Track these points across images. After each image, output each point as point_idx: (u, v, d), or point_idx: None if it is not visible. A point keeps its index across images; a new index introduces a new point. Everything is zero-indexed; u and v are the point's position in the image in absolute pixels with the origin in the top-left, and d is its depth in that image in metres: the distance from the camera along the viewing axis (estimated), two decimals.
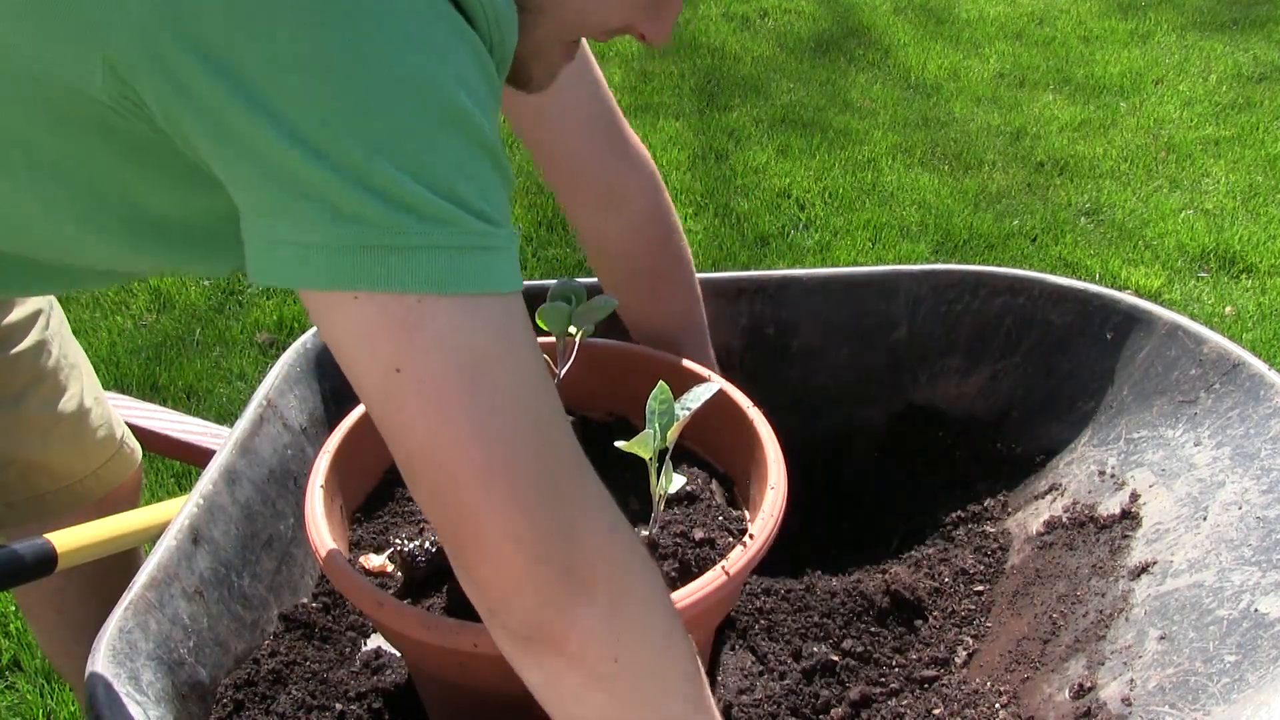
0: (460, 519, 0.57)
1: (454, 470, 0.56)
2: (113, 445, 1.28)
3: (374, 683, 1.01)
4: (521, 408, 0.57)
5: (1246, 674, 0.79)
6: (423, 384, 0.54)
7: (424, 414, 0.55)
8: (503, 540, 0.57)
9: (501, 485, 0.56)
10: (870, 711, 1.02)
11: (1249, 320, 2.98)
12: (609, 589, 0.61)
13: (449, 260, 0.54)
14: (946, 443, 1.32)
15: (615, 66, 4.61)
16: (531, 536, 0.57)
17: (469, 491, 0.56)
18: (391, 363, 0.54)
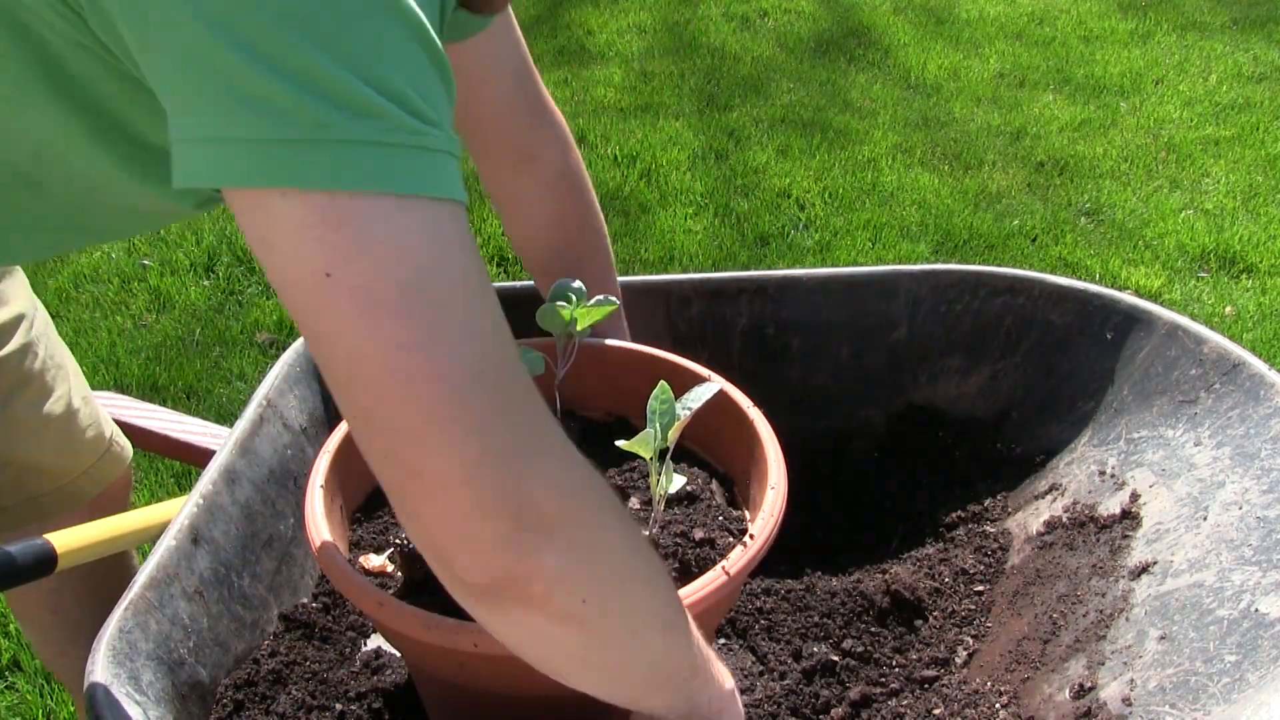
0: (397, 449, 0.52)
1: (389, 389, 0.50)
2: (102, 444, 1.28)
3: (374, 683, 1.01)
4: (465, 322, 0.51)
5: (1247, 674, 0.79)
6: (355, 291, 0.49)
7: (356, 324, 0.50)
8: (448, 473, 0.51)
9: (444, 408, 0.50)
10: (870, 711, 1.02)
11: (1249, 320, 2.98)
12: (570, 523, 0.55)
13: (382, 156, 0.49)
14: (946, 443, 1.32)
15: (615, 66, 4.61)
16: (481, 468, 0.51)
17: (406, 415, 0.50)
18: (321, 267, 0.49)
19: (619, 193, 3.58)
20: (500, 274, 3.18)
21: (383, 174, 0.49)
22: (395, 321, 0.50)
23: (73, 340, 2.87)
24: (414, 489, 0.52)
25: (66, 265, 3.21)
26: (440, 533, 0.53)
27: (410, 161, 0.50)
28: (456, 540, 0.53)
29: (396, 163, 0.50)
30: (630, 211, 3.48)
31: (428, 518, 0.53)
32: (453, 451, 0.51)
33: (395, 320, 0.50)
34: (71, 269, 3.18)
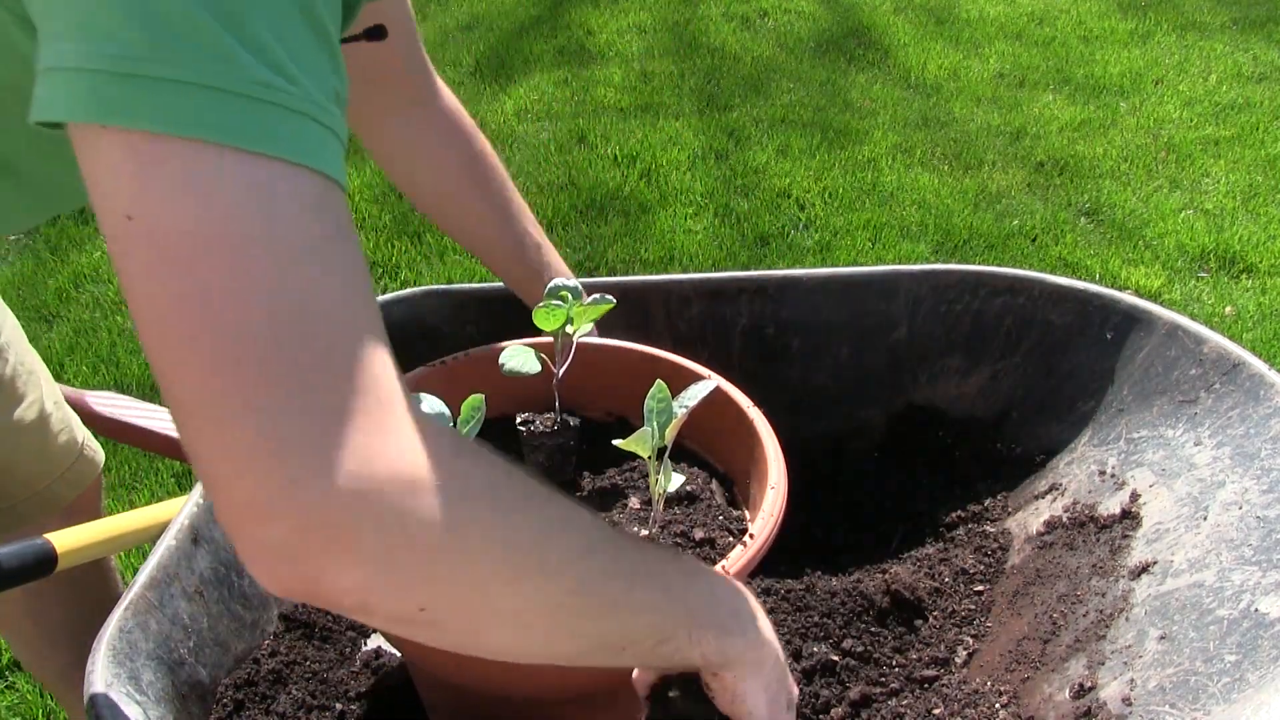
0: (180, 421, 0.46)
1: (171, 351, 0.45)
2: (75, 449, 1.27)
3: (374, 683, 1.02)
4: (275, 288, 0.45)
5: (1247, 674, 0.79)
6: (152, 237, 0.44)
7: (148, 274, 0.45)
8: (223, 459, 0.45)
9: (225, 380, 0.44)
10: (870, 711, 1.02)
11: (1249, 320, 2.98)
12: (374, 545, 0.46)
13: (218, 102, 0.45)
14: (946, 443, 1.32)
15: (615, 66, 4.61)
16: (260, 459, 0.44)
17: (186, 382, 0.45)
18: (124, 208, 0.45)
19: (619, 193, 3.58)
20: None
21: (213, 121, 0.45)
22: (186, 277, 0.44)
23: (73, 340, 2.87)
24: (199, 470, 0.46)
25: (66, 265, 3.21)
26: (230, 532, 0.46)
27: (251, 113, 0.45)
28: (242, 545, 0.46)
29: (233, 111, 0.45)
30: (630, 211, 3.48)
31: (216, 509, 0.46)
32: (228, 434, 0.44)
33: (186, 276, 0.44)
34: (71, 269, 3.18)
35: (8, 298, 3.07)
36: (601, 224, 3.41)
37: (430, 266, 3.19)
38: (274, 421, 0.44)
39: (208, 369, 0.44)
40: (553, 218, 3.43)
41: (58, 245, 3.30)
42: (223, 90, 0.45)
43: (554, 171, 3.72)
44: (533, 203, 3.52)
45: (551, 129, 4.04)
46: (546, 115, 4.18)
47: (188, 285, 0.44)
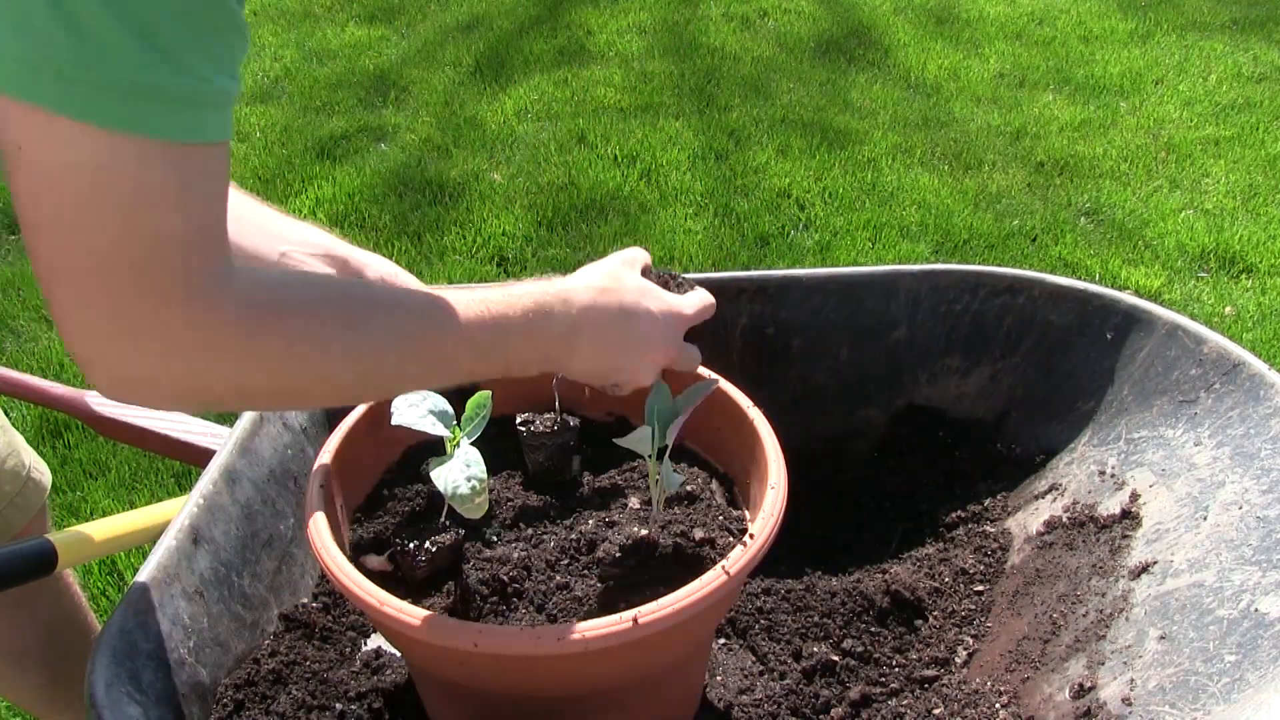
0: (40, 280, 0.64)
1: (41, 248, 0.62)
2: (22, 472, 1.27)
3: (374, 683, 1.02)
4: (110, 222, 0.61)
5: (1247, 673, 0.79)
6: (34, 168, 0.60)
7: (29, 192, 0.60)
8: (59, 318, 0.64)
9: (78, 283, 0.62)
10: (870, 711, 1.02)
11: (1249, 320, 2.98)
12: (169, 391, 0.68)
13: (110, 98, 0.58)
14: (946, 443, 1.32)
15: (615, 66, 4.61)
16: (79, 333, 0.64)
17: (44, 265, 0.63)
18: (17, 140, 0.59)
19: (619, 193, 3.58)
20: (500, 274, 3.18)
21: (99, 111, 0.59)
22: (55, 202, 0.60)
23: None
24: (55, 320, 0.65)
25: None
26: (79, 366, 0.67)
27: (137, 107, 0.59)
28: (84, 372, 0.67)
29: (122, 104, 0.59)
30: (630, 211, 3.48)
31: (68, 349, 0.66)
32: (69, 312, 0.64)
33: (55, 201, 0.60)
34: None
35: (7, 297, 3.07)
36: (601, 224, 3.41)
37: (430, 266, 3.19)
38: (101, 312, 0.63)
39: (61, 265, 0.62)
40: (553, 218, 3.43)
41: None
42: (118, 89, 0.58)
43: (554, 171, 3.72)
44: (533, 202, 3.52)
45: (551, 129, 4.04)
46: (546, 115, 4.18)
47: (53, 207, 0.61)
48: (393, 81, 4.48)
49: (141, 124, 0.60)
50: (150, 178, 0.62)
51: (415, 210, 3.50)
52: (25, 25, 0.57)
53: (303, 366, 0.72)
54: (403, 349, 0.77)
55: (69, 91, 0.58)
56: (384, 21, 5.17)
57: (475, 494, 0.88)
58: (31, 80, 0.58)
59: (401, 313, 0.78)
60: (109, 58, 0.58)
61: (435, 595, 0.89)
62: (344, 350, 0.73)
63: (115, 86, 0.59)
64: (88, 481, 2.41)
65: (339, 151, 3.90)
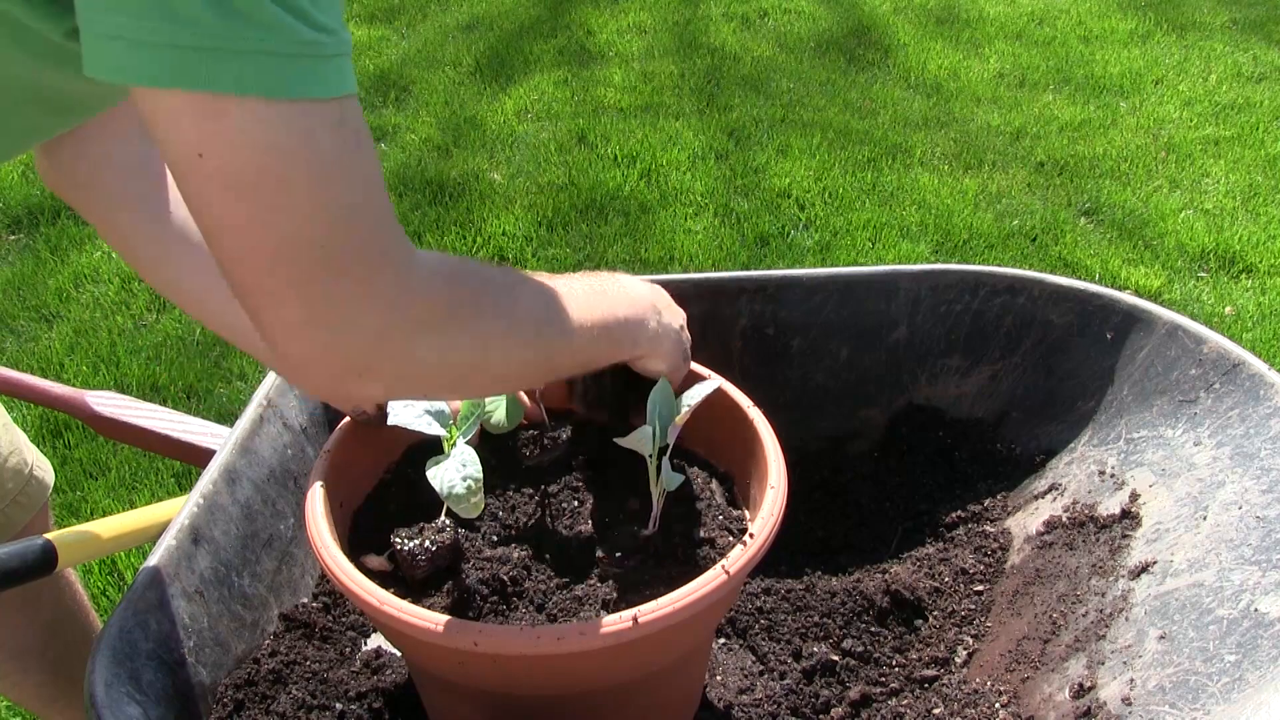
0: (248, 301, 0.63)
1: (239, 255, 0.62)
2: (25, 472, 1.26)
3: (374, 683, 1.02)
4: (310, 206, 0.60)
5: (1246, 673, 0.79)
6: (219, 171, 0.59)
7: (219, 198, 0.60)
8: (281, 328, 0.63)
9: (278, 276, 0.61)
10: (870, 711, 1.02)
11: (1249, 320, 2.98)
12: (393, 362, 0.67)
13: (268, 64, 0.57)
14: (946, 443, 1.32)
15: (615, 67, 4.61)
16: (307, 327, 0.63)
17: (250, 277, 0.62)
18: (195, 148, 0.58)
19: (619, 193, 3.58)
20: None
21: (270, 80, 0.58)
22: (243, 202, 0.59)
23: (73, 340, 2.87)
24: (265, 333, 0.65)
25: (66, 265, 3.21)
26: (284, 372, 0.68)
27: (295, 69, 0.58)
28: (292, 378, 0.69)
29: (284, 71, 0.58)
30: (630, 211, 3.48)
31: (275, 359, 0.66)
32: (276, 313, 0.63)
33: (243, 201, 0.59)
34: (71, 269, 3.19)
35: (8, 297, 3.07)
36: (601, 224, 3.41)
37: None
38: (318, 302, 0.62)
39: (265, 266, 0.61)
40: (553, 218, 3.43)
41: (58, 245, 3.30)
42: (273, 54, 0.58)
43: (554, 171, 3.72)
44: (534, 202, 3.52)
45: (551, 129, 4.04)
46: (546, 115, 4.18)
47: (250, 207, 0.59)
48: (393, 81, 4.48)
49: (305, 86, 0.59)
50: (328, 144, 0.61)
51: (415, 210, 3.50)
52: (169, 14, 0.56)
53: (491, 327, 0.73)
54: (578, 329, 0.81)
55: (230, 67, 0.57)
56: (384, 21, 5.16)
57: (471, 493, 0.88)
58: (189, 66, 0.56)
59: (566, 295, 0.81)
60: (254, 24, 0.57)
61: (435, 595, 0.89)
62: (517, 314, 0.76)
63: (270, 52, 0.57)
64: (88, 481, 2.41)
65: None
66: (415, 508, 0.99)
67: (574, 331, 0.81)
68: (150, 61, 0.56)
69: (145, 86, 0.57)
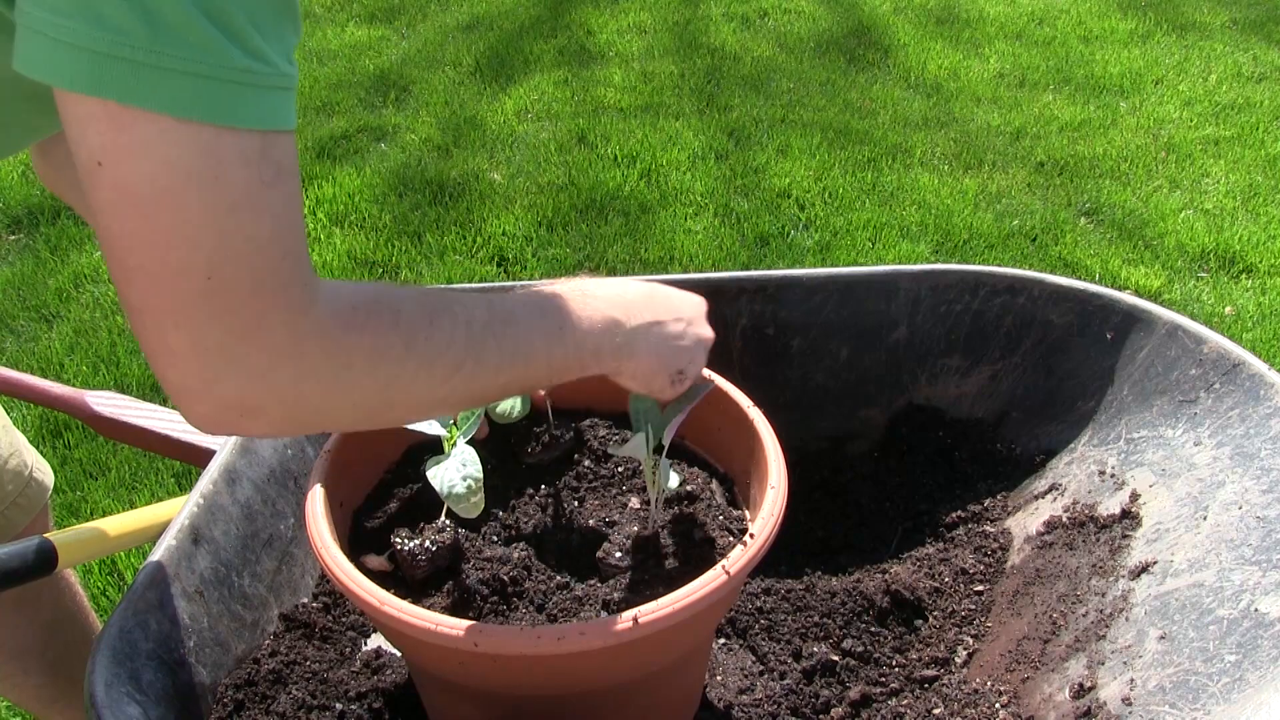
0: (132, 318, 0.61)
1: (127, 272, 0.59)
2: (25, 473, 1.26)
3: (374, 683, 1.02)
4: (203, 234, 0.58)
5: (1247, 673, 0.79)
6: (116, 184, 0.57)
7: (110, 210, 0.58)
8: (163, 354, 0.61)
9: (164, 301, 0.59)
10: (870, 711, 1.02)
11: (1249, 320, 2.98)
12: (275, 414, 0.64)
13: (195, 86, 0.56)
14: (946, 443, 1.32)
15: (615, 67, 4.61)
16: (190, 361, 0.60)
17: (138, 296, 0.59)
18: (96, 156, 0.57)
19: (619, 193, 3.58)
20: (500, 274, 3.18)
21: (190, 101, 0.56)
22: (141, 218, 0.57)
23: (73, 340, 2.87)
24: (148, 356, 0.62)
25: (66, 265, 3.21)
26: (170, 396, 0.64)
27: (218, 93, 0.57)
28: (181, 404, 0.64)
29: (201, 92, 0.56)
30: (630, 211, 3.48)
31: (161, 381, 0.63)
32: (159, 336, 0.60)
33: (141, 217, 0.57)
34: (71, 269, 3.18)
35: (7, 297, 3.07)
36: (601, 224, 3.41)
37: (430, 266, 3.19)
38: (200, 332, 0.60)
39: (153, 289, 0.59)
40: (553, 217, 3.43)
41: (58, 245, 3.30)
42: (199, 75, 0.56)
43: (554, 171, 3.72)
44: (534, 202, 3.52)
45: (551, 129, 4.04)
46: (546, 115, 4.18)
47: (141, 225, 0.57)
48: (393, 82, 4.48)
49: (225, 112, 0.57)
50: (238, 174, 0.58)
51: (415, 210, 3.50)
52: (95, 17, 0.54)
53: (396, 370, 0.69)
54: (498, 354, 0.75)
55: (148, 81, 0.55)
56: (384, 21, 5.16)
57: (471, 493, 0.88)
58: (105, 73, 0.55)
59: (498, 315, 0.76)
60: (184, 43, 0.55)
61: (435, 595, 0.89)
62: (429, 351, 0.71)
63: (194, 73, 0.56)
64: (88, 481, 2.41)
65: (339, 151, 3.90)
66: (415, 508, 0.99)
67: (508, 356, 0.76)
68: (68, 62, 0.55)
69: (61, 88, 0.56)
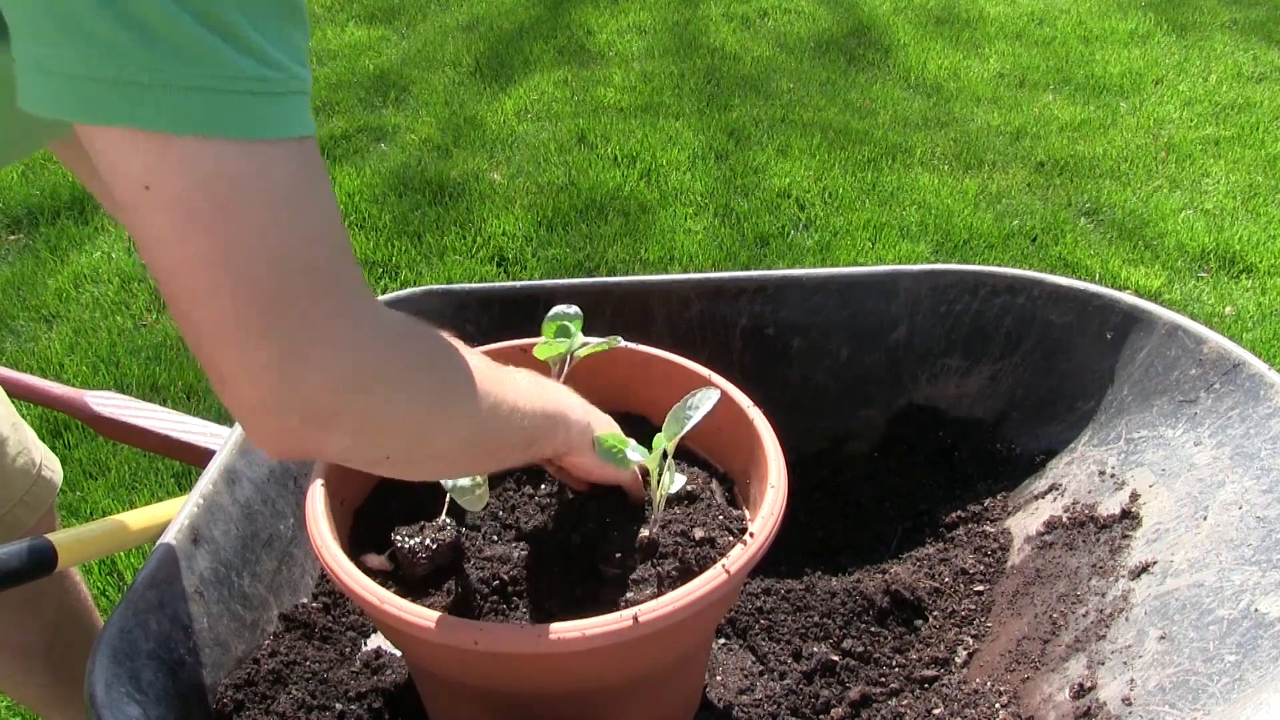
0: (200, 346, 0.59)
1: (190, 294, 0.57)
2: (33, 471, 1.25)
3: (374, 683, 1.02)
4: (263, 243, 0.56)
5: (1246, 673, 0.79)
6: (169, 205, 0.55)
7: (167, 235, 0.56)
8: (236, 373, 0.59)
9: (233, 316, 0.57)
10: (870, 711, 1.02)
11: (1249, 320, 2.98)
12: (353, 414, 0.63)
13: (209, 101, 0.54)
14: (946, 443, 1.32)
15: (615, 67, 4.61)
16: (264, 371, 0.58)
17: (204, 318, 0.58)
18: (142, 181, 0.54)
19: (619, 193, 3.58)
20: (500, 274, 3.18)
21: (206, 118, 0.54)
22: (198, 236, 0.55)
23: (73, 340, 2.87)
24: (216, 381, 0.60)
25: (66, 265, 3.21)
26: (243, 422, 0.62)
27: (237, 107, 0.55)
28: (252, 429, 0.62)
29: (222, 108, 0.54)
30: (630, 211, 3.48)
31: (231, 407, 0.61)
32: (239, 354, 0.58)
33: (198, 235, 0.55)
34: (71, 269, 3.18)
35: (8, 297, 3.07)
36: (601, 224, 3.40)
37: (430, 266, 3.19)
38: (271, 343, 0.58)
39: (219, 307, 0.57)
40: (553, 217, 3.43)
41: (57, 245, 3.30)
42: (213, 90, 0.54)
43: (554, 171, 3.72)
44: (534, 202, 3.52)
45: (551, 129, 4.04)
46: (546, 115, 4.18)
47: (205, 241, 0.55)
48: (393, 81, 4.48)
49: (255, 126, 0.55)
50: (276, 185, 0.57)
51: (415, 210, 3.50)
52: (85, 38, 0.51)
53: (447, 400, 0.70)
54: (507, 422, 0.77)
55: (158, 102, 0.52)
56: (384, 21, 5.16)
57: (476, 485, 0.88)
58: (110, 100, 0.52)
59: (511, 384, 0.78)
60: (194, 60, 0.53)
61: (435, 594, 0.89)
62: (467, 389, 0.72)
63: (210, 88, 0.53)
64: (88, 481, 2.41)
65: (339, 151, 3.90)
66: (416, 506, 0.99)
67: (515, 409, 0.77)
68: (71, 94, 0.53)
69: (69, 120, 0.54)
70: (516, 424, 0.78)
